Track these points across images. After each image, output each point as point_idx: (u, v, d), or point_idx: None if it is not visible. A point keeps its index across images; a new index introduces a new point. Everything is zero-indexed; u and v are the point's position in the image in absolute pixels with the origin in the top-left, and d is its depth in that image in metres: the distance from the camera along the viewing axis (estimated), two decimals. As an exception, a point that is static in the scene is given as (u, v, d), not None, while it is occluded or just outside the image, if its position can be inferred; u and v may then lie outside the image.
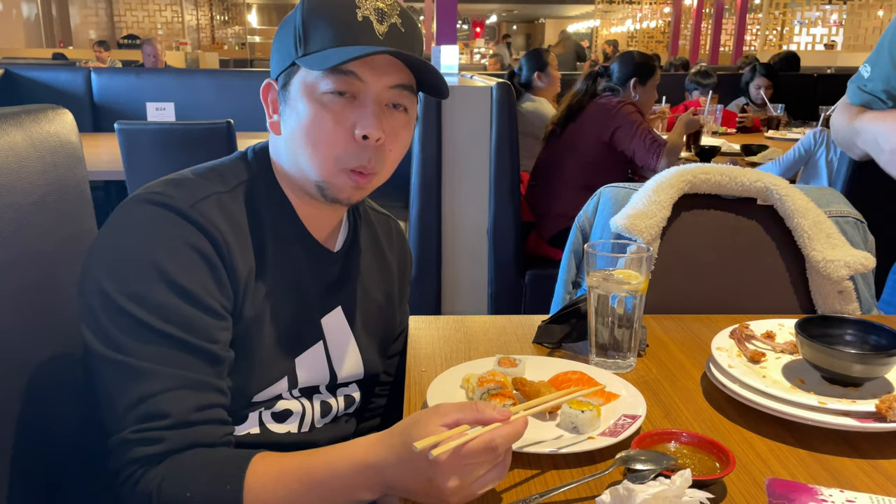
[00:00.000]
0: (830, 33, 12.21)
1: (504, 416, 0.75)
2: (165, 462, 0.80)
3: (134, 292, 0.84)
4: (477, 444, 0.72)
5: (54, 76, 4.22)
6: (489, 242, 2.84)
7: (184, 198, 0.89)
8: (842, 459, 0.86)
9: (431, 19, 4.77)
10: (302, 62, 0.90)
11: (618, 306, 1.07)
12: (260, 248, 0.95)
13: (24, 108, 1.02)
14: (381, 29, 0.90)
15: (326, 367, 1.05)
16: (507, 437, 0.74)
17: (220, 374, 0.88)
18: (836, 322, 1.05)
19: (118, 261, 0.86)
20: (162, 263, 0.85)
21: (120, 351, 0.83)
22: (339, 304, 1.06)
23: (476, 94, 2.79)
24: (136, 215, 0.88)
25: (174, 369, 0.83)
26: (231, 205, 0.93)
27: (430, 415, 0.75)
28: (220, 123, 2.56)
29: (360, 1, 0.90)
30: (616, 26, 17.00)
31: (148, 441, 0.80)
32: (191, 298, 0.85)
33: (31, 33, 12.34)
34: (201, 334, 0.85)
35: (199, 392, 0.84)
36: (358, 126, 0.90)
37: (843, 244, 1.36)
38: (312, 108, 0.90)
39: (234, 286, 0.90)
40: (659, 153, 2.73)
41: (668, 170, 1.44)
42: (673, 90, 4.25)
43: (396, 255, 1.19)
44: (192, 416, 0.83)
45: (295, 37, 0.91)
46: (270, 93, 0.97)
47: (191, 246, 0.86)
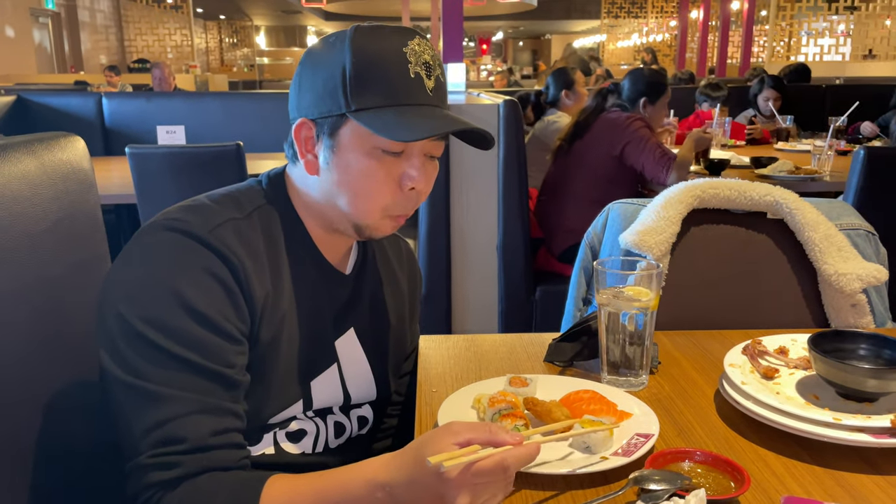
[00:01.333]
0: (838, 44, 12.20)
1: (516, 441, 0.75)
2: (182, 487, 0.81)
3: (152, 317, 0.84)
4: (489, 463, 0.73)
5: (66, 102, 4.26)
6: (499, 259, 2.84)
7: (201, 224, 0.90)
8: (858, 476, 0.85)
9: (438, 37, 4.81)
10: (359, 118, 0.90)
11: (629, 323, 1.06)
12: (276, 272, 0.95)
13: (36, 136, 1.04)
14: (430, 85, 0.93)
15: (340, 389, 1.05)
16: (518, 458, 0.74)
17: (236, 399, 0.88)
18: (849, 336, 1.04)
19: (136, 286, 0.87)
20: (179, 289, 0.85)
21: (137, 375, 0.83)
22: (352, 326, 1.07)
23: (483, 112, 2.80)
24: (155, 241, 0.90)
25: (191, 394, 0.84)
26: (247, 230, 0.94)
27: (443, 433, 0.76)
28: (230, 146, 2.58)
29: (410, 55, 0.91)
30: (622, 41, 17.07)
31: (164, 466, 0.81)
32: (208, 323, 0.86)
33: (43, 59, 12.52)
34: (218, 359, 0.86)
35: (215, 416, 0.85)
36: (406, 179, 0.94)
37: (855, 257, 1.35)
38: (366, 163, 0.92)
39: (250, 310, 0.91)
40: (669, 167, 2.72)
41: (677, 185, 1.44)
42: (679, 103, 4.25)
43: (407, 275, 1.20)
44: (208, 441, 0.83)
45: (344, 86, 0.91)
46: (304, 131, 0.96)
47: (208, 271, 0.87)
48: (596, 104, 2.94)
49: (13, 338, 0.90)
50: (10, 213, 0.91)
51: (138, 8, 15.12)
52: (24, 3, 11.71)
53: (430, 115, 0.92)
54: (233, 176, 2.55)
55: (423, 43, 0.94)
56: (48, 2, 12.47)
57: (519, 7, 16.22)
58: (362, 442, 1.12)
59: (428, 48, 0.94)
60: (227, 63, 21.13)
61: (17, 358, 0.90)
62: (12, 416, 0.88)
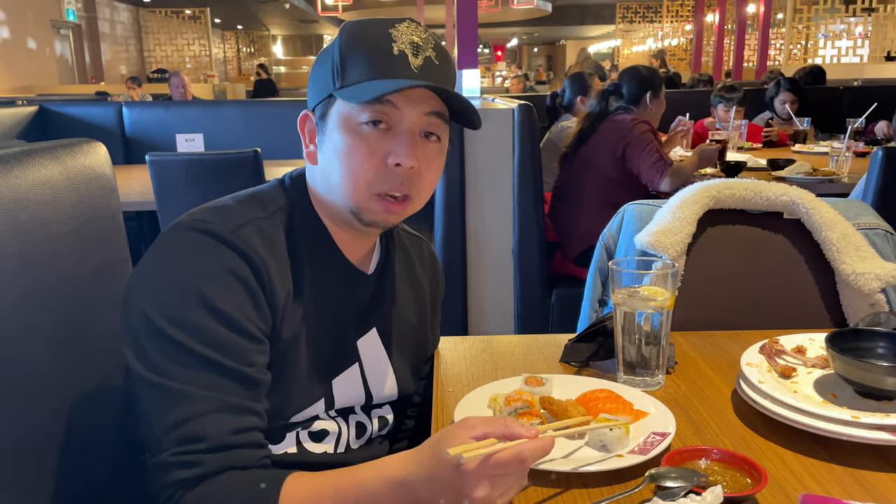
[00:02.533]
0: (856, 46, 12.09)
1: (532, 434, 0.76)
2: (202, 485, 0.82)
3: (174, 316, 0.86)
4: (506, 455, 0.73)
5: (87, 111, 4.33)
6: (514, 263, 2.85)
7: (224, 224, 0.91)
8: (876, 474, 0.84)
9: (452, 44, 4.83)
10: (339, 94, 0.93)
11: (644, 323, 1.06)
12: (297, 271, 0.97)
13: (59, 142, 1.06)
14: (416, 62, 0.93)
15: (362, 388, 1.06)
16: (535, 451, 0.75)
17: (257, 398, 0.89)
18: (867, 335, 1.04)
19: (160, 285, 0.89)
20: (202, 288, 0.87)
21: (159, 373, 0.85)
22: (374, 326, 1.08)
23: (498, 116, 2.81)
24: (179, 241, 0.91)
25: (212, 392, 0.85)
26: (270, 230, 0.95)
27: (459, 428, 0.77)
28: (248, 152, 2.61)
29: (396, 35, 0.93)
30: (637, 45, 17.02)
31: (186, 464, 0.82)
32: (229, 323, 0.87)
33: (64, 70, 12.72)
34: (239, 358, 0.87)
35: (235, 415, 0.86)
36: (391, 155, 0.93)
37: (874, 256, 1.34)
38: (348, 138, 0.93)
39: (272, 309, 0.92)
40: (662, 172, 2.73)
41: (692, 186, 1.44)
42: (697, 105, 4.23)
43: (429, 277, 1.20)
44: (229, 440, 0.84)
45: (332, 69, 0.94)
46: (307, 123, 1.00)
47: (230, 271, 0.89)
48: (600, 109, 2.95)
49: (36, 339, 0.91)
50: (33, 216, 0.93)
51: (157, 19, 15.33)
52: (46, 15, 11.91)
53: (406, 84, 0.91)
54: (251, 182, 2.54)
55: (413, 26, 0.95)
56: (69, 13, 12.66)
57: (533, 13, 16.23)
58: (382, 443, 1.12)
59: (418, 31, 0.95)
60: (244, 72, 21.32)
61: (40, 358, 0.92)
62: (35, 416, 0.90)
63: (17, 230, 0.89)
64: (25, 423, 0.89)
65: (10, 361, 0.87)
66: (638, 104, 2.99)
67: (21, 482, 0.88)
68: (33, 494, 0.89)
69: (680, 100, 4.61)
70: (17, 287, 0.88)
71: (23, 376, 0.89)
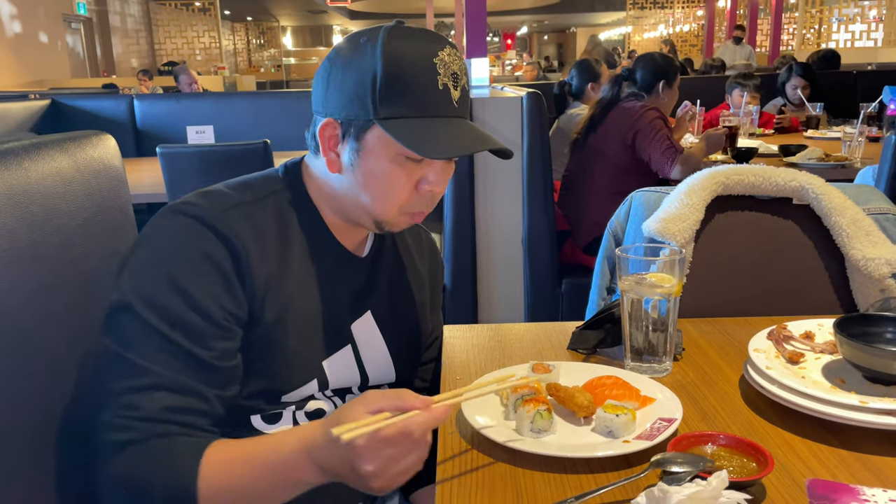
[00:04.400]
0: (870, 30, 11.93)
1: (424, 405, 0.79)
2: (129, 450, 0.85)
3: (144, 293, 0.90)
4: (392, 431, 0.76)
5: (98, 104, 4.35)
6: (524, 252, 2.84)
7: (209, 206, 0.94)
8: (885, 459, 0.84)
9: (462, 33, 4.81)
10: (385, 126, 0.92)
11: (652, 310, 1.06)
12: (283, 253, 0.99)
13: (69, 134, 1.07)
14: (456, 96, 0.96)
15: (356, 369, 1.08)
16: (422, 423, 0.77)
17: (209, 382, 0.91)
18: (876, 320, 1.03)
19: (139, 264, 0.93)
20: (175, 271, 0.90)
21: (120, 343, 0.89)
22: (369, 309, 1.09)
23: (507, 105, 2.81)
24: (164, 224, 0.95)
25: (164, 370, 0.88)
26: (257, 213, 0.98)
27: (357, 402, 0.80)
28: (258, 144, 2.62)
29: (440, 66, 0.93)
30: (649, 32, 16.89)
31: (119, 428, 0.86)
32: (196, 307, 0.90)
33: (76, 64, 12.77)
34: (199, 341, 0.90)
35: (177, 395, 0.88)
36: (426, 182, 0.97)
37: (884, 241, 1.34)
38: (388, 166, 0.95)
39: (250, 294, 0.94)
40: (673, 159, 2.71)
41: (701, 172, 1.43)
42: (709, 92, 4.19)
43: (428, 264, 1.22)
44: (162, 415, 0.87)
45: (373, 91, 0.92)
46: (329, 130, 0.98)
47: (206, 256, 0.92)
48: (611, 95, 2.92)
49: (48, 330, 0.93)
50: (44, 208, 0.94)
51: (167, 11, 15.34)
52: (57, 9, 11.95)
53: (456, 130, 0.95)
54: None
55: (452, 53, 0.96)
56: (80, 7, 12.71)
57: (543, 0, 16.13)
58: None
59: (457, 58, 0.96)
60: (254, 64, 21.34)
61: (51, 349, 0.93)
62: (46, 403, 0.92)
63: (28, 222, 0.90)
64: (38, 412, 0.91)
65: (23, 352, 0.88)
66: (650, 92, 2.96)
67: (36, 466, 0.90)
68: (48, 475, 0.91)
69: (691, 86, 4.58)
70: (28, 278, 0.89)
71: (36, 366, 0.91)
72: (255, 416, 1.00)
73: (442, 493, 0.80)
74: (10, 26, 10.58)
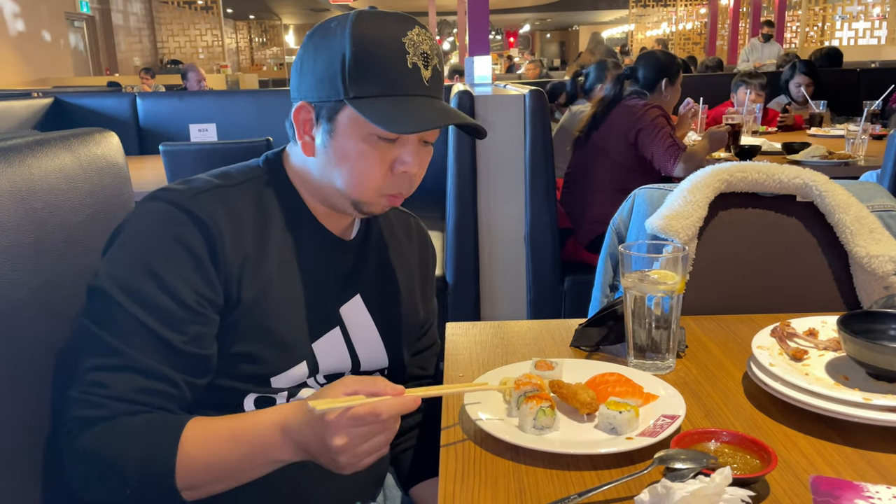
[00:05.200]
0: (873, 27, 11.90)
1: (397, 393, 0.84)
2: (99, 426, 0.86)
3: (118, 276, 0.91)
4: (362, 410, 0.81)
5: (101, 103, 4.36)
6: (526, 249, 2.84)
7: (185, 191, 0.96)
8: (889, 456, 0.84)
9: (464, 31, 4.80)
10: (355, 105, 0.94)
11: (655, 307, 1.06)
12: (261, 235, 1.00)
13: (72, 131, 1.07)
14: (426, 75, 0.96)
15: (347, 353, 1.08)
16: (391, 407, 0.82)
17: (180, 367, 0.92)
18: (879, 317, 1.03)
19: (115, 249, 0.94)
20: (149, 256, 0.92)
21: (93, 322, 0.90)
22: (358, 293, 1.10)
23: (509, 103, 2.80)
24: (140, 210, 0.97)
25: (134, 352, 0.89)
26: (233, 196, 0.99)
27: (335, 384, 0.85)
28: (260, 141, 2.62)
29: (408, 45, 0.94)
30: (651, 29, 16.87)
31: (88, 404, 0.87)
32: (169, 291, 0.91)
33: (79, 62, 12.79)
34: (171, 326, 0.91)
35: (145, 378, 0.89)
36: (399, 163, 0.98)
37: (888, 239, 1.33)
38: (360, 146, 0.96)
39: (224, 276, 0.95)
40: (676, 157, 2.71)
41: (704, 169, 1.43)
42: (707, 91, 4.18)
43: (417, 249, 1.22)
44: (130, 396, 0.88)
45: (343, 72, 0.94)
46: (303, 114, 1.00)
47: (180, 240, 0.93)
48: (614, 93, 2.92)
49: (52, 325, 0.93)
50: (47, 205, 0.94)
51: (170, 10, 15.35)
52: (60, 7, 11.97)
53: (426, 107, 0.95)
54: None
55: (422, 33, 0.96)
56: (83, 6, 12.72)
57: (546, -2, 16.09)
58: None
59: (427, 38, 0.97)
60: (257, 62, 21.36)
61: (55, 344, 0.94)
62: (48, 399, 0.93)
63: (32, 219, 0.90)
64: (41, 408, 0.91)
65: (27, 347, 0.88)
66: (653, 90, 2.96)
67: (37, 462, 0.91)
68: (50, 471, 0.92)
69: (694, 84, 4.57)
70: (31, 275, 0.89)
71: (38, 362, 0.91)
72: (248, 399, 1.01)
73: (445, 490, 0.80)
74: (13, 24, 10.59)
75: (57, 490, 0.92)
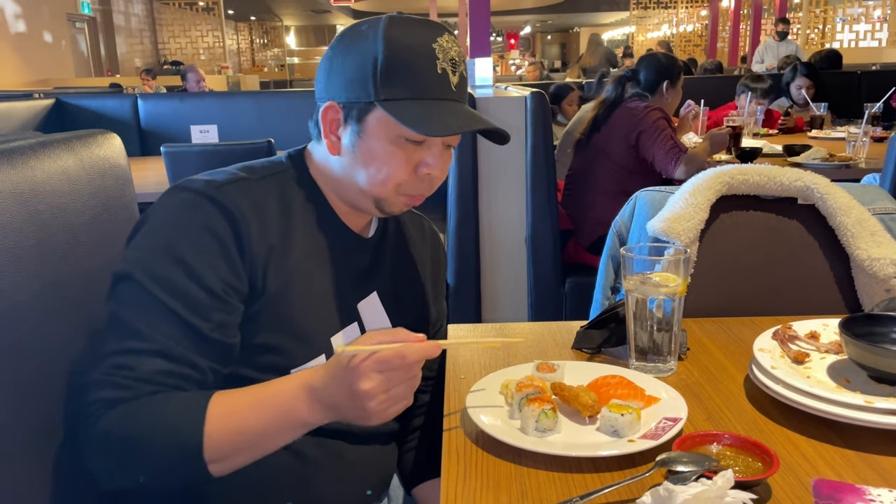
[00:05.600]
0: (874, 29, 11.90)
1: (419, 340, 0.86)
2: (121, 406, 0.87)
3: (146, 264, 0.92)
4: (388, 352, 0.84)
5: (102, 104, 4.36)
6: (528, 251, 2.84)
7: (211, 182, 0.97)
8: (890, 459, 0.84)
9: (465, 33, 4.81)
10: (385, 107, 0.96)
11: (656, 310, 1.06)
12: (285, 229, 1.01)
13: (74, 133, 1.07)
14: (454, 81, 0.99)
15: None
16: (416, 351, 0.84)
17: (203, 353, 0.93)
18: (881, 320, 1.03)
19: (142, 237, 0.96)
20: (176, 243, 0.92)
21: (121, 308, 0.91)
22: (375, 290, 1.12)
23: (511, 105, 2.81)
24: (165, 200, 0.97)
25: (160, 337, 0.90)
26: (257, 189, 1.00)
27: (360, 338, 0.87)
28: (261, 143, 2.63)
29: (438, 51, 0.97)
30: (652, 32, 16.87)
31: (115, 385, 0.87)
32: (196, 278, 0.92)
33: (80, 63, 12.79)
34: (197, 312, 0.91)
35: (171, 362, 0.90)
36: (423, 165, 1.00)
37: (889, 242, 1.33)
38: (389, 149, 0.99)
39: (250, 265, 0.96)
40: (677, 159, 2.71)
41: (705, 172, 1.43)
42: (706, 94, 4.18)
43: (430, 251, 1.24)
44: (155, 378, 0.89)
45: (374, 76, 0.96)
46: (331, 113, 1.02)
47: (207, 228, 0.94)
48: (615, 96, 2.92)
49: (55, 327, 0.93)
50: (50, 207, 0.94)
51: (171, 11, 15.36)
52: (61, 8, 11.97)
53: (453, 111, 0.98)
54: (264, 173, 2.59)
55: (451, 39, 0.99)
56: (84, 6, 12.73)
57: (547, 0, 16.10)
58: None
59: (455, 45, 1.00)
60: (258, 63, 21.36)
61: (58, 346, 0.94)
62: (53, 397, 0.93)
63: (35, 220, 0.90)
64: (43, 408, 0.91)
65: (29, 349, 0.88)
66: (654, 92, 2.96)
67: (39, 463, 0.90)
68: (51, 472, 0.92)
69: (695, 86, 4.57)
70: (34, 276, 0.89)
71: (41, 363, 0.91)
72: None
73: (447, 493, 0.80)
74: (14, 25, 10.60)
75: (58, 491, 0.92)
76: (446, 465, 0.85)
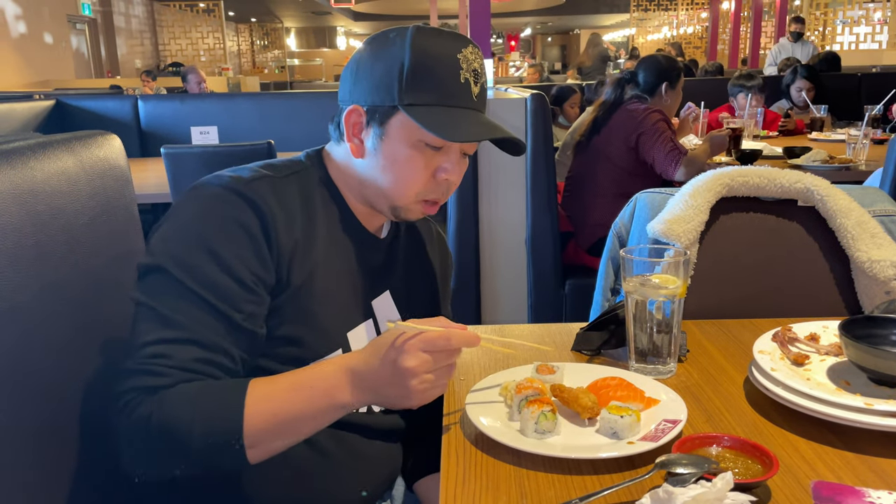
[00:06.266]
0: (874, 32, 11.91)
1: (461, 328, 0.90)
2: (160, 393, 0.87)
3: (177, 255, 0.93)
4: (436, 333, 0.87)
5: (103, 105, 4.36)
6: (528, 253, 2.84)
7: (236, 178, 0.99)
8: (890, 461, 0.84)
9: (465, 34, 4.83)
10: (410, 112, 0.99)
11: (656, 311, 1.06)
12: (308, 225, 1.03)
13: (74, 134, 1.07)
14: (475, 91, 1.03)
15: None
16: (461, 337, 0.88)
17: (235, 342, 0.94)
18: (881, 322, 1.03)
19: (171, 229, 0.97)
20: (206, 234, 0.94)
21: (153, 299, 0.92)
22: (388, 289, 1.16)
23: (511, 106, 2.81)
24: (192, 195, 0.99)
25: (194, 325, 0.91)
26: (282, 187, 1.02)
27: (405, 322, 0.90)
28: (262, 144, 2.63)
29: (463, 61, 1.00)
30: (652, 34, 16.88)
31: (150, 373, 0.88)
32: (226, 268, 0.93)
33: (81, 65, 12.79)
34: (228, 302, 0.93)
35: (206, 350, 0.91)
36: (441, 171, 1.04)
37: (889, 244, 1.33)
38: (410, 153, 1.02)
39: (277, 258, 0.98)
40: (677, 161, 2.71)
41: (705, 173, 1.43)
42: (707, 96, 4.19)
43: (438, 254, 1.28)
44: (192, 366, 0.90)
45: (399, 81, 0.99)
46: (354, 117, 1.04)
47: (236, 220, 0.95)
48: (614, 97, 2.92)
49: (55, 328, 0.93)
50: (50, 208, 0.94)
51: (172, 12, 15.38)
52: (62, 9, 11.98)
53: (474, 119, 1.02)
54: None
55: (475, 51, 1.03)
56: (85, 8, 12.73)
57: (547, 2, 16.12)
58: (405, 414, 1.16)
59: (478, 57, 1.03)
60: (258, 65, 21.37)
61: (57, 345, 0.94)
62: (53, 398, 0.93)
63: (34, 221, 0.90)
64: (44, 409, 0.91)
65: (30, 350, 0.88)
66: (653, 94, 2.96)
67: (41, 463, 0.90)
68: (52, 474, 0.92)
69: (695, 88, 4.57)
70: (34, 277, 0.89)
71: (42, 364, 0.91)
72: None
73: (446, 494, 0.80)
74: (14, 27, 10.60)
75: (59, 491, 0.92)
76: (446, 467, 0.85)
